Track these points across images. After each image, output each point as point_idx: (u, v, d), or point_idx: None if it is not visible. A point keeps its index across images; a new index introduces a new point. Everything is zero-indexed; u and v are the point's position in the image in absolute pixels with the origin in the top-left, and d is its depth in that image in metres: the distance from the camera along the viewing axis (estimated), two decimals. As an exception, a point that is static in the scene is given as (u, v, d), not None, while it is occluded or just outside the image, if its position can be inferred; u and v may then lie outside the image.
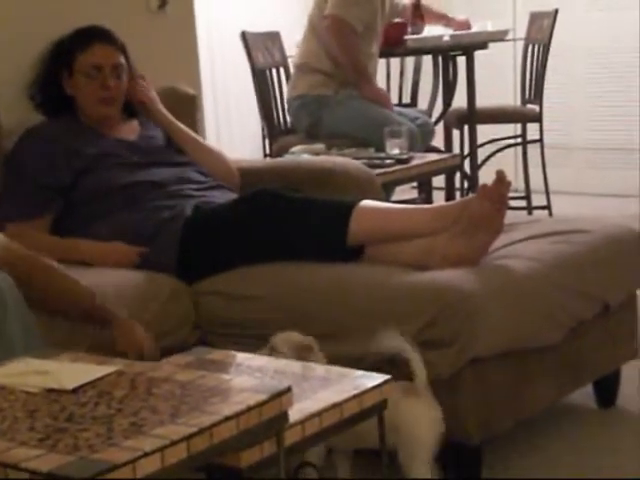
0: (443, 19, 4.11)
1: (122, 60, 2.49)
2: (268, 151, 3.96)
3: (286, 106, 3.89)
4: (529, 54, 4.31)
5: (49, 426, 1.21)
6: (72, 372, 1.39)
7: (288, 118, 3.92)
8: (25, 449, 1.15)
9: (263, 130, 4.02)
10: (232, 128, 4.79)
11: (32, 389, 1.33)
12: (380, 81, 4.28)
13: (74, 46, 2.47)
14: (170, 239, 2.27)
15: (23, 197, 2.36)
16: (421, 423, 1.77)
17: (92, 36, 2.48)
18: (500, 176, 2.05)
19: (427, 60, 4.32)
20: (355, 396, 1.51)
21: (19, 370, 1.40)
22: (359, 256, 2.17)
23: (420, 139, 3.63)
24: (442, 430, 1.81)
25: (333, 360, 1.75)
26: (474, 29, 4.10)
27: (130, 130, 2.54)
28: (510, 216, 2.18)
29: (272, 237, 2.19)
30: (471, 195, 2.20)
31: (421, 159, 3.23)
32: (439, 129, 4.14)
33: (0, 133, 2.44)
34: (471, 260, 2.05)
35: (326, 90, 3.66)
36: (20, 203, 2.35)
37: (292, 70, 3.89)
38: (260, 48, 3.97)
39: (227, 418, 1.23)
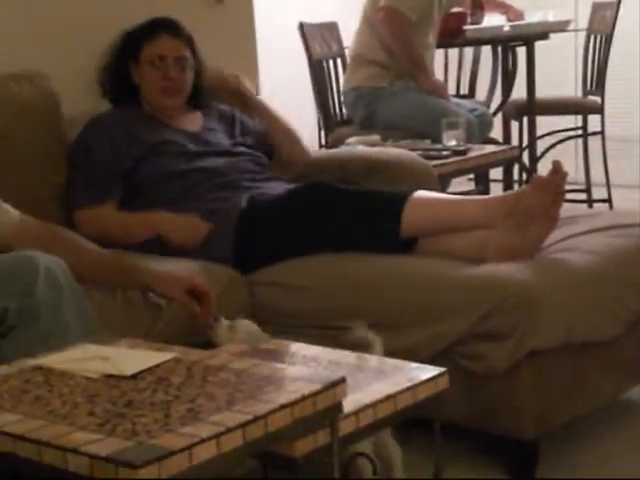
0: (502, 7, 4.07)
1: (187, 53, 2.53)
2: (324, 142, 3.97)
3: (342, 97, 3.88)
4: (591, 45, 4.23)
5: (108, 411, 1.23)
6: (131, 358, 1.41)
7: (344, 109, 3.92)
8: (84, 433, 1.18)
9: (319, 121, 4.02)
10: (289, 119, 4.80)
11: (92, 374, 1.36)
12: (438, 72, 4.24)
13: (142, 36, 2.53)
14: (226, 230, 2.29)
15: (90, 183, 2.39)
16: None
17: (160, 27, 2.53)
18: (556, 166, 2.02)
19: (486, 50, 4.27)
20: (409, 388, 1.50)
21: (79, 356, 1.43)
22: (412, 248, 2.16)
23: (478, 130, 3.60)
24: None
25: (387, 352, 1.74)
26: (535, 19, 4.04)
27: (193, 121, 2.57)
28: (570, 209, 2.15)
29: (325, 229, 2.20)
30: (525, 186, 2.17)
31: (479, 151, 3.20)
32: (497, 120, 4.09)
33: (62, 123, 2.49)
34: (526, 253, 2.02)
35: (381, 82, 3.64)
36: (88, 189, 2.39)
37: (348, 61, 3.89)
38: (317, 39, 3.97)
39: (282, 407, 1.23)
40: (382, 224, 2.15)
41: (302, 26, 3.93)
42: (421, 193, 2.20)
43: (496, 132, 4.04)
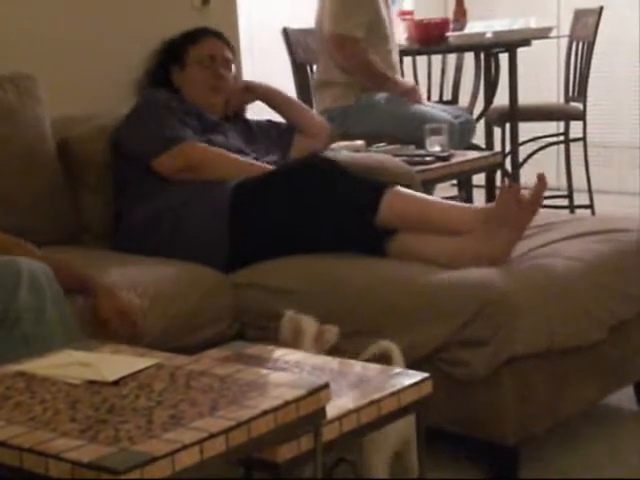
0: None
1: (231, 57, 2.63)
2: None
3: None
4: (573, 51, 4.26)
5: (90, 417, 1.23)
6: (113, 364, 1.40)
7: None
8: (66, 440, 1.17)
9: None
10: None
11: (74, 380, 1.35)
12: (421, 79, 4.26)
13: (186, 41, 2.61)
14: (222, 202, 2.30)
15: (179, 125, 2.43)
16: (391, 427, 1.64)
17: (204, 32, 2.64)
18: (540, 177, 2.07)
19: (469, 57, 4.29)
20: (393, 393, 1.51)
21: (61, 362, 1.42)
22: (385, 245, 2.17)
23: (461, 136, 3.60)
24: (410, 431, 1.72)
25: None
26: (517, 26, 4.06)
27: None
28: (552, 215, 2.17)
29: (303, 207, 2.20)
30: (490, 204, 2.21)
31: (462, 157, 3.21)
32: (480, 127, 4.11)
33: (48, 126, 2.47)
34: (497, 259, 2.04)
35: (347, 100, 3.63)
36: (181, 129, 2.43)
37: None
38: (301, 44, 3.97)
39: (265, 412, 1.23)
40: (359, 207, 2.17)
41: (286, 31, 3.93)
42: (405, 189, 2.22)
43: (479, 138, 4.06)
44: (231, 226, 2.27)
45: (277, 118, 2.82)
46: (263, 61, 4.66)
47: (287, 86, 4.04)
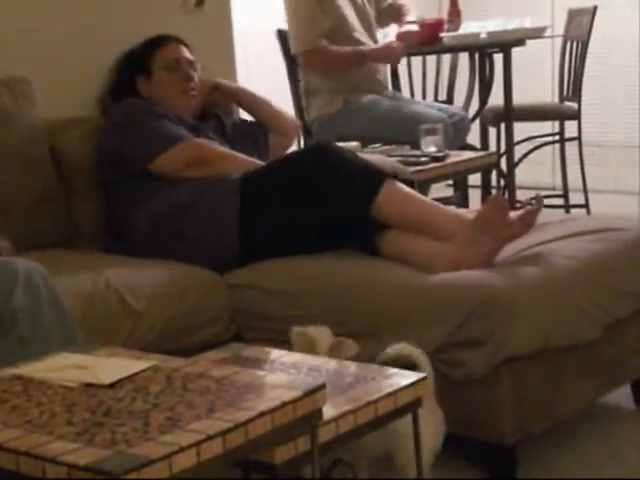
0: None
1: (193, 58, 2.62)
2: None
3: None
4: (567, 51, 4.27)
5: (87, 420, 1.23)
6: (109, 367, 1.40)
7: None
8: (63, 443, 1.17)
9: (298, 127, 4.01)
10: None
11: (70, 384, 1.35)
12: (416, 79, 4.26)
13: (150, 47, 2.59)
14: (229, 206, 2.29)
15: (173, 126, 2.44)
16: (424, 428, 1.64)
17: (166, 38, 2.62)
18: (537, 198, 2.10)
19: (464, 57, 4.29)
20: (390, 394, 1.51)
21: (57, 365, 1.42)
22: (379, 235, 2.18)
23: (454, 134, 3.60)
24: (443, 437, 1.75)
25: (367, 359, 1.74)
26: (512, 26, 4.06)
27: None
28: (547, 214, 2.17)
29: (301, 194, 2.21)
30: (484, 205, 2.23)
31: (457, 157, 3.21)
32: (475, 127, 4.11)
33: (42, 129, 2.47)
34: (475, 266, 2.04)
35: (335, 105, 3.63)
36: (177, 129, 2.44)
37: None
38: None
39: (262, 414, 1.23)
40: (357, 194, 2.17)
41: (280, 32, 3.93)
42: (401, 184, 2.23)
43: (474, 138, 4.06)
44: (241, 218, 2.27)
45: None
46: (257, 63, 4.66)
47: (282, 87, 4.06)
